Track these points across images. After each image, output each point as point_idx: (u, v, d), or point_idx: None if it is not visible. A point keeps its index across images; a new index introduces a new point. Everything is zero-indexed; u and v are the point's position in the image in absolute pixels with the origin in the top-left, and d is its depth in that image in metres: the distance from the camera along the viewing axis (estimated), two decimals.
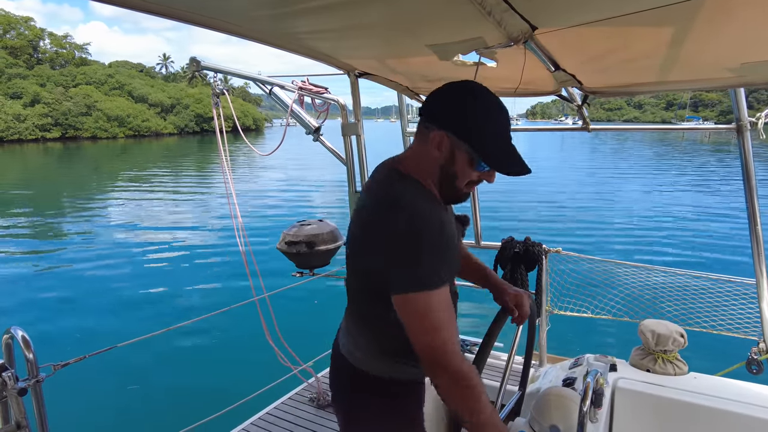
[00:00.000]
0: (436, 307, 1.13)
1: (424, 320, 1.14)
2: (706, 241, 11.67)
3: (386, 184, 1.26)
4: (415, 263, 1.12)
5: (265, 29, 1.77)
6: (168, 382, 5.60)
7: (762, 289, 2.61)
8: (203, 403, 3.70)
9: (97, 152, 46.94)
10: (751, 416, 2.09)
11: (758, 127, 2.30)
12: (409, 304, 1.14)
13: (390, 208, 1.17)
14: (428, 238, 1.13)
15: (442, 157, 1.23)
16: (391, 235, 1.14)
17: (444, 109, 1.23)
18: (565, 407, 1.71)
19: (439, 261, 1.14)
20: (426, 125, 1.25)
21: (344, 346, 1.43)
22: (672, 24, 1.50)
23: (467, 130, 1.19)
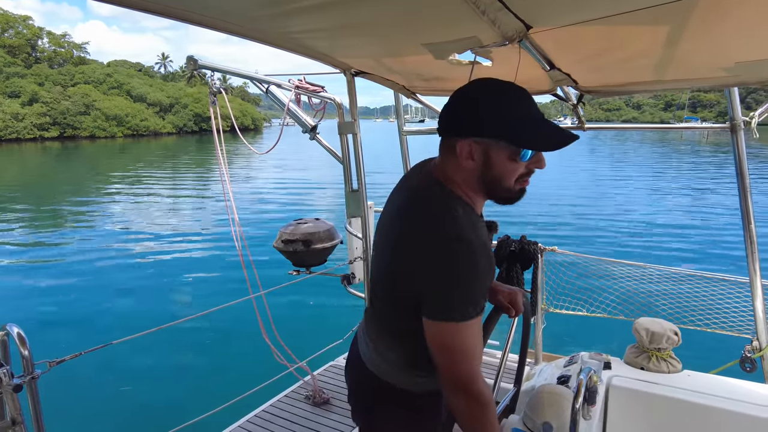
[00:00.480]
0: (466, 337, 1.12)
1: (453, 348, 1.12)
2: (701, 240, 11.73)
3: (433, 201, 1.19)
4: (454, 293, 1.09)
5: (262, 28, 1.77)
6: (164, 379, 5.61)
7: (755, 288, 2.62)
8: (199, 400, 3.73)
9: (96, 151, 46.91)
10: (745, 414, 2.10)
11: (752, 127, 2.32)
12: (441, 332, 1.12)
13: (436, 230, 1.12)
14: (471, 268, 1.09)
15: (478, 166, 1.16)
16: (433, 258, 1.09)
17: (460, 117, 1.17)
18: (558, 404, 1.73)
19: (479, 291, 1.12)
20: (449, 140, 1.19)
21: (368, 358, 1.39)
22: (666, 23, 1.50)
23: (493, 126, 1.12)
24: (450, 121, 1.19)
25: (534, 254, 2.90)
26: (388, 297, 1.29)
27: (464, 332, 1.10)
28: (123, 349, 5.71)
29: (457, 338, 1.11)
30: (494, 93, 1.15)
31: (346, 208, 3.00)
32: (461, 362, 1.13)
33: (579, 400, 1.60)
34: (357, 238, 3.11)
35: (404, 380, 1.34)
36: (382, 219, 1.34)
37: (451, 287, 1.09)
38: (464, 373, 1.13)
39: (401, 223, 1.22)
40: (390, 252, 1.23)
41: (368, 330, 1.41)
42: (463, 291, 1.09)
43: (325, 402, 2.64)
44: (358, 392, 1.47)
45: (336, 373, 2.97)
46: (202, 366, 5.86)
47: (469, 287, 1.09)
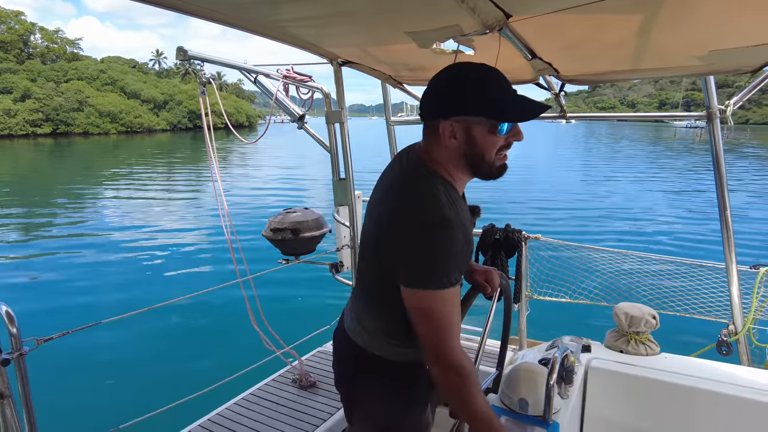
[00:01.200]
0: (443, 305, 1.18)
1: (430, 316, 1.19)
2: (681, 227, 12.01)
3: (417, 180, 1.25)
4: (431, 264, 1.16)
5: (249, 17, 1.81)
6: (151, 360, 5.70)
7: (731, 274, 2.69)
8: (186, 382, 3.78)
9: (89, 148, 46.69)
10: (720, 393, 2.17)
11: (727, 115, 2.37)
12: (418, 299, 1.19)
13: (418, 207, 1.19)
14: (448, 244, 1.16)
15: (461, 143, 1.22)
16: (414, 233, 1.17)
17: (439, 99, 1.24)
18: (534, 381, 1.78)
19: (454, 265, 1.18)
20: (431, 123, 1.26)
21: (351, 329, 1.45)
22: (641, 11, 1.56)
23: (472, 103, 1.19)
24: (431, 106, 1.26)
25: (518, 242, 2.95)
26: (372, 270, 1.36)
27: (440, 300, 1.17)
28: (112, 330, 5.81)
29: (433, 305, 1.18)
30: (469, 74, 1.22)
31: (334, 197, 3.04)
32: (438, 330, 1.19)
33: (553, 377, 1.65)
34: (345, 226, 3.15)
35: (384, 349, 1.39)
36: (371, 201, 1.40)
37: (428, 259, 1.16)
38: (442, 341, 1.19)
39: (387, 201, 1.29)
40: (376, 228, 1.31)
41: (354, 305, 1.49)
42: (439, 263, 1.16)
43: (312, 385, 2.69)
44: (342, 361, 1.53)
45: (323, 358, 3.02)
46: (190, 349, 5.94)
47: (446, 260, 1.16)
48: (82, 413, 4.60)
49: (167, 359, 5.71)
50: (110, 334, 5.98)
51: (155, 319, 6.43)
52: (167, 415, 2.33)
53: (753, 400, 2.10)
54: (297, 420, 2.41)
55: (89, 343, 5.73)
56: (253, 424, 2.39)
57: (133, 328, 6.18)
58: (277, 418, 2.43)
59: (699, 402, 2.20)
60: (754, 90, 2.21)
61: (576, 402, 2.26)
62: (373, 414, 1.46)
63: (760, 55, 1.86)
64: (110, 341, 5.89)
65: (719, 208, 2.60)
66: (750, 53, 1.84)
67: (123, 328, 6.09)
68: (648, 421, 2.31)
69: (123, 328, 6.07)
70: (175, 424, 2.40)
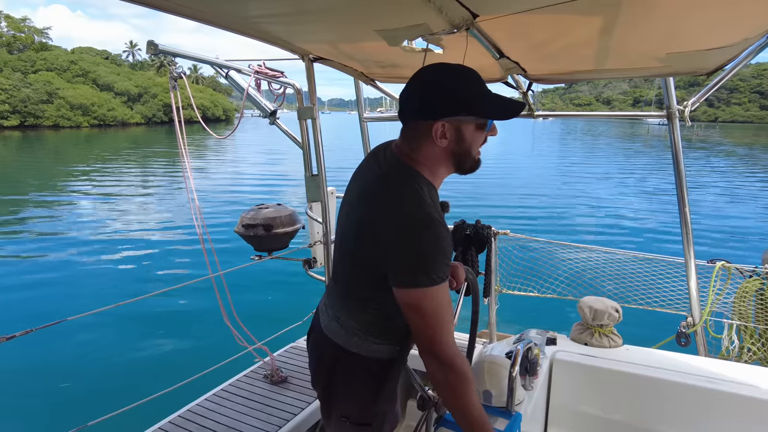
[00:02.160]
0: (435, 302, 1.21)
1: (425, 313, 1.21)
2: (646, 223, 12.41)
3: (401, 181, 1.28)
4: (422, 263, 1.19)
5: (219, 13, 1.80)
6: (119, 357, 5.62)
7: (690, 269, 2.79)
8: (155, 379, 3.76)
9: (60, 141, 45.32)
10: (678, 383, 2.26)
11: (686, 115, 2.46)
12: (411, 297, 1.21)
13: (405, 208, 1.23)
14: (436, 241, 1.20)
15: (451, 143, 1.27)
16: (403, 234, 1.20)
17: (429, 100, 1.26)
18: (498, 373, 1.83)
19: (442, 261, 1.21)
20: (416, 124, 1.29)
21: (329, 328, 1.47)
22: (601, 13, 1.61)
23: (464, 104, 1.24)
24: (419, 107, 1.28)
25: (488, 238, 3.00)
26: (356, 270, 1.37)
27: (432, 297, 1.20)
28: (78, 327, 5.72)
29: (426, 302, 1.21)
30: (454, 74, 1.27)
31: (306, 193, 3.05)
32: (433, 327, 1.22)
33: (516, 369, 1.70)
34: (317, 222, 3.16)
35: (363, 347, 1.41)
36: (348, 200, 1.41)
37: (418, 258, 1.20)
38: (437, 337, 1.22)
39: (371, 202, 1.30)
40: (360, 228, 1.31)
41: (330, 303, 1.50)
42: (429, 261, 1.20)
43: (283, 380, 2.70)
44: (319, 359, 1.53)
45: (295, 354, 3.03)
46: (160, 346, 5.88)
47: (435, 258, 1.20)
48: (47, 411, 4.53)
49: (136, 356, 5.64)
50: (77, 331, 5.89)
51: (124, 316, 6.34)
52: (136, 412, 2.32)
53: (708, 389, 2.20)
54: (268, 415, 2.42)
55: (55, 342, 5.63)
56: (225, 419, 2.40)
57: (100, 325, 6.09)
58: (248, 413, 2.44)
59: (659, 392, 2.29)
60: (710, 91, 2.30)
61: (541, 393, 2.33)
62: (351, 411, 1.48)
63: (715, 58, 1.94)
64: (77, 339, 5.80)
65: (679, 205, 2.69)
66: (705, 56, 1.91)
67: (90, 326, 6.00)
68: (611, 411, 2.40)
69: (90, 325, 5.98)
70: (145, 421, 2.38)
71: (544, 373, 2.38)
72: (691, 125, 2.46)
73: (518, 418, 1.73)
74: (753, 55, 1.95)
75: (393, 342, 1.42)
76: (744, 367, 2.40)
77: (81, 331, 5.90)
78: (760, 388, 2.13)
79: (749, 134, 71.78)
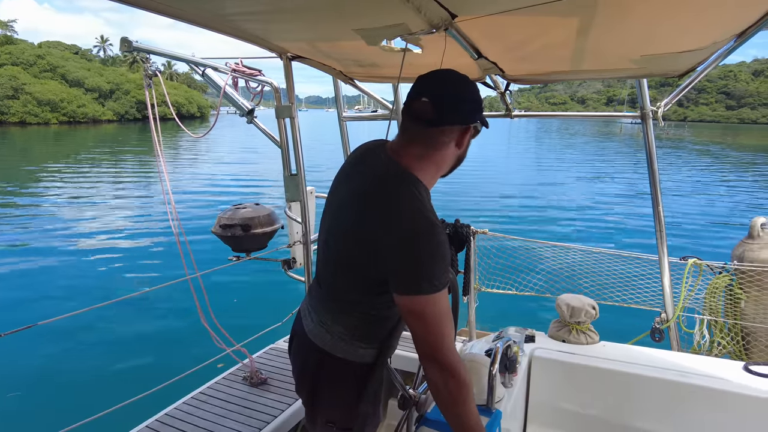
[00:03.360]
0: (437, 308, 1.20)
1: (426, 320, 1.21)
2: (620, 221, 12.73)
3: (402, 187, 1.27)
4: (425, 270, 1.19)
5: (195, 10, 1.77)
6: (95, 361, 5.50)
7: (663, 266, 2.87)
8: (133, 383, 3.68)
9: (27, 138, 43.83)
10: (653, 377, 2.31)
11: (658, 115, 2.52)
12: (413, 304, 1.21)
13: (407, 215, 1.22)
14: (438, 248, 1.20)
15: (462, 149, 1.36)
16: (406, 241, 1.20)
17: (452, 108, 1.30)
18: (477, 371, 1.83)
19: (443, 267, 1.21)
20: (429, 130, 1.30)
21: (313, 332, 1.44)
22: (578, 15, 1.63)
23: (477, 112, 1.33)
24: (440, 114, 1.29)
25: (467, 236, 3.01)
26: (343, 274, 1.36)
27: (434, 303, 1.20)
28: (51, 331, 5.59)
29: (428, 309, 1.20)
30: (465, 83, 1.35)
31: (285, 193, 3.02)
32: (435, 333, 1.21)
33: (495, 366, 1.72)
34: (297, 222, 3.13)
35: (349, 352, 1.40)
36: (336, 202, 1.40)
37: (422, 265, 1.19)
38: (438, 343, 1.21)
39: (366, 206, 1.28)
40: (352, 233, 1.30)
41: (313, 306, 1.48)
42: (432, 268, 1.19)
43: (263, 382, 2.67)
44: (303, 365, 1.51)
45: (275, 355, 3.01)
46: (136, 349, 5.77)
47: (436, 264, 1.20)
48: (21, 419, 4.40)
49: (112, 360, 5.51)
50: (49, 336, 5.74)
51: (99, 319, 6.21)
52: (112, 417, 2.27)
53: (681, 383, 2.25)
54: (248, 417, 2.40)
55: (27, 346, 5.49)
56: (204, 423, 2.36)
57: (75, 329, 5.95)
58: (227, 416, 2.41)
59: (635, 386, 2.35)
60: (681, 93, 2.36)
61: (520, 390, 2.36)
62: (337, 415, 1.47)
63: (686, 60, 1.99)
64: (49, 344, 5.65)
65: (652, 204, 2.76)
66: (677, 59, 1.96)
67: (64, 330, 5.86)
68: (588, 406, 2.44)
69: (64, 329, 5.84)
70: (122, 426, 2.34)
71: (523, 371, 2.41)
72: (663, 125, 2.52)
73: (498, 416, 1.74)
74: (722, 58, 2.01)
75: (377, 345, 1.42)
76: (714, 360, 2.47)
77: (54, 336, 5.75)
78: (729, 381, 2.20)
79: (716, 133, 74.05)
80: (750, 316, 3.05)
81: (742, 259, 3.05)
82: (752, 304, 3.06)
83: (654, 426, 2.30)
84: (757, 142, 58.04)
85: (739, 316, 3.05)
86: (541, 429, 2.48)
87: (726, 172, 25.95)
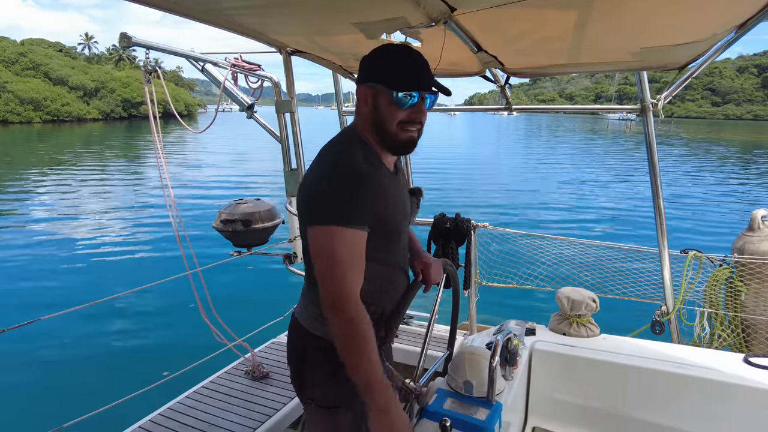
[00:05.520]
0: (340, 246, 1.20)
1: (326, 257, 1.21)
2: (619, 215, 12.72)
3: (336, 143, 1.37)
4: (330, 201, 1.21)
5: (192, 4, 1.77)
6: (96, 357, 5.53)
7: (663, 259, 2.86)
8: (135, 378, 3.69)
9: (10, 137, 42.92)
10: (653, 369, 2.32)
11: (659, 108, 2.51)
12: (317, 236, 1.22)
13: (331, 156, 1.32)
14: (352, 186, 1.22)
15: (371, 109, 1.34)
16: (319, 176, 1.28)
17: (361, 68, 1.38)
18: (478, 364, 1.84)
19: (355, 208, 1.22)
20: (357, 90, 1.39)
21: (299, 314, 1.51)
22: (576, 8, 1.63)
23: (378, 72, 1.33)
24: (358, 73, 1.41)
25: (467, 231, 3.03)
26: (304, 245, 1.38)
27: (337, 239, 1.20)
28: (52, 327, 5.60)
29: (328, 244, 1.20)
30: (383, 49, 1.37)
31: (286, 187, 3.02)
32: (333, 273, 1.20)
33: (495, 359, 1.72)
34: (297, 216, 3.14)
35: (317, 328, 1.43)
36: None
37: (328, 196, 1.22)
38: (337, 285, 1.20)
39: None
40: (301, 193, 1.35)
41: (303, 292, 1.53)
42: (338, 201, 1.21)
43: (264, 377, 2.69)
44: (289, 341, 1.56)
45: (276, 350, 3.02)
46: (138, 345, 5.79)
47: (346, 200, 1.21)
48: (22, 413, 4.42)
49: (114, 356, 5.54)
50: (51, 331, 5.76)
51: (101, 314, 6.23)
52: (115, 411, 2.29)
53: (681, 375, 2.26)
54: (250, 411, 2.41)
55: (27, 342, 5.51)
56: (206, 416, 2.38)
57: (76, 324, 5.97)
58: (229, 410, 2.42)
59: (635, 379, 2.35)
60: (682, 85, 2.35)
61: (520, 383, 2.36)
62: (315, 392, 1.49)
63: (685, 52, 1.98)
64: (51, 339, 5.67)
65: (653, 196, 2.75)
66: (676, 51, 1.95)
67: (65, 325, 5.86)
68: (589, 398, 2.45)
69: (65, 325, 5.83)
70: (124, 420, 2.35)
71: (524, 363, 2.42)
72: (662, 117, 2.51)
73: (499, 408, 1.75)
74: (721, 50, 2.00)
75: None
76: (714, 353, 2.48)
77: (55, 331, 5.77)
78: (729, 373, 2.21)
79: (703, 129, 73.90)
80: (750, 309, 3.05)
81: (743, 252, 3.05)
82: (752, 296, 3.05)
83: (654, 418, 2.30)
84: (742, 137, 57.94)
85: (739, 309, 3.05)
86: (541, 421, 2.49)
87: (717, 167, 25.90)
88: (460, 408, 1.72)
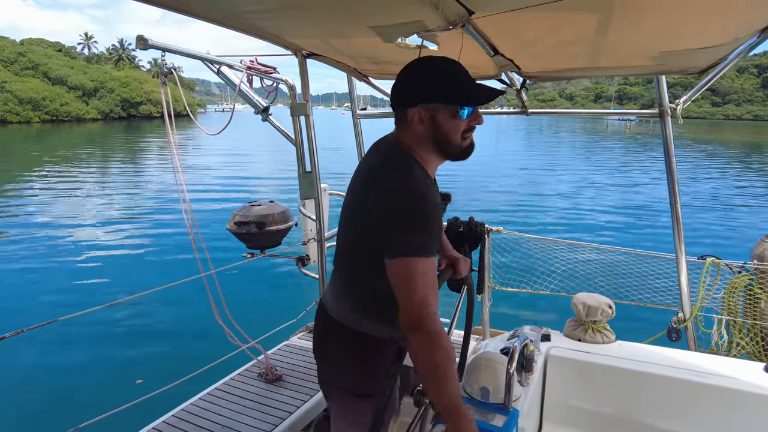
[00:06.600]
0: (421, 273, 1.24)
1: (410, 282, 1.24)
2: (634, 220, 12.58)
3: (393, 160, 1.37)
4: (411, 232, 1.25)
5: (210, 7, 1.78)
6: (112, 357, 5.57)
7: (681, 265, 2.82)
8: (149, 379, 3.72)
9: (7, 137, 42.91)
10: (670, 377, 2.29)
11: (677, 113, 2.48)
12: (400, 267, 1.25)
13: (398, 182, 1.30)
14: (426, 215, 1.27)
15: (428, 128, 1.35)
16: (396, 205, 1.27)
17: (406, 88, 1.38)
18: (495, 370, 1.83)
19: (429, 236, 1.27)
20: (400, 111, 1.39)
21: (330, 306, 1.55)
22: (595, 12, 1.61)
23: (434, 91, 1.33)
24: (399, 95, 1.40)
25: (481, 235, 3.01)
26: (351, 250, 1.46)
27: (418, 267, 1.24)
28: (70, 327, 5.67)
29: (411, 272, 1.25)
30: (434, 64, 1.36)
31: (300, 190, 3.03)
32: (416, 297, 1.24)
33: (513, 365, 1.71)
34: (311, 219, 3.14)
35: (356, 322, 1.47)
36: (350, 189, 1.48)
37: (409, 227, 1.25)
38: (420, 308, 1.24)
39: (367, 184, 1.39)
40: (359, 210, 1.39)
41: (333, 286, 1.58)
42: (419, 232, 1.26)
43: (278, 379, 2.68)
44: (316, 330, 1.62)
45: (289, 352, 3.02)
46: (152, 346, 5.82)
47: (423, 230, 1.26)
48: (39, 413, 4.47)
49: (129, 357, 5.57)
50: (68, 332, 5.81)
51: (116, 315, 6.28)
52: (130, 412, 2.30)
53: (698, 383, 2.22)
54: (263, 414, 2.41)
55: (46, 342, 5.57)
56: (219, 419, 2.38)
57: (92, 325, 6.01)
58: (243, 412, 2.43)
59: (651, 386, 2.32)
60: (702, 89, 2.32)
61: (536, 389, 2.34)
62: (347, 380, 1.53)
63: (706, 56, 1.95)
64: (68, 340, 5.72)
65: (670, 202, 2.72)
66: (697, 55, 1.93)
67: (82, 326, 5.90)
68: (604, 405, 2.42)
69: (82, 325, 5.88)
70: (139, 421, 2.36)
71: (539, 369, 2.40)
72: (681, 122, 2.48)
73: (516, 414, 1.73)
74: (743, 54, 1.97)
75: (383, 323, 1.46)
76: (732, 361, 2.43)
77: (72, 332, 5.82)
78: (747, 382, 2.17)
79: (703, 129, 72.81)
80: None
81: (763, 259, 3.00)
82: None
83: (670, 426, 2.27)
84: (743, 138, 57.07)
85: (758, 317, 3.00)
86: (556, 427, 2.46)
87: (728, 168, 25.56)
88: (476, 414, 1.71)
